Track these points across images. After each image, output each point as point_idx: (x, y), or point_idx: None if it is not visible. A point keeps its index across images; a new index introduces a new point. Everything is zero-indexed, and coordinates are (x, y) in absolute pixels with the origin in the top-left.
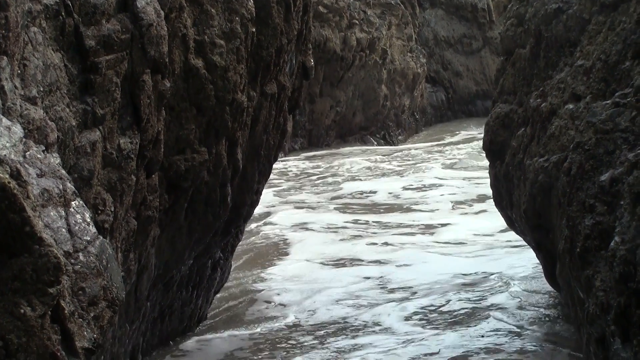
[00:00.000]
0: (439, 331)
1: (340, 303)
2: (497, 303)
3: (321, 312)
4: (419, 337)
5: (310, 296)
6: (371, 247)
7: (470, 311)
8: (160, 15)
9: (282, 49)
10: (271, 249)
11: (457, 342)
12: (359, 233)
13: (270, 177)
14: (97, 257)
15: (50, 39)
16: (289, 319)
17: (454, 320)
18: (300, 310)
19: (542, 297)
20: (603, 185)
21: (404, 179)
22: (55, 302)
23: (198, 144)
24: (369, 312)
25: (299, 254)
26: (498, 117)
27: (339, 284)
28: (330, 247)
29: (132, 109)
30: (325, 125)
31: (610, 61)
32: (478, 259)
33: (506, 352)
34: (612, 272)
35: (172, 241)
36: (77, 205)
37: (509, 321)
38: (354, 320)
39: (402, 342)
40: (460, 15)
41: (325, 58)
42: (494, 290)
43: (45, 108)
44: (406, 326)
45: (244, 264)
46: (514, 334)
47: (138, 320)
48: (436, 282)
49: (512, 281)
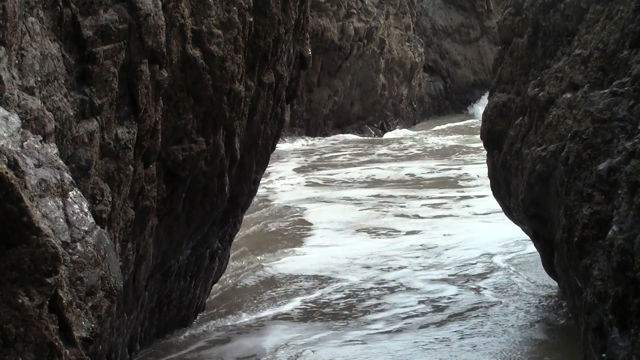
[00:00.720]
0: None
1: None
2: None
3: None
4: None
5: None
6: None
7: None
8: (158, 5)
9: (279, 38)
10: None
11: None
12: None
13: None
14: (95, 247)
15: (48, 29)
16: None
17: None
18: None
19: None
20: (601, 174)
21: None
22: (53, 292)
23: (196, 133)
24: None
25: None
26: (496, 106)
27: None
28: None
29: (129, 99)
30: (323, 114)
31: (608, 50)
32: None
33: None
34: (609, 261)
35: (170, 231)
36: (75, 195)
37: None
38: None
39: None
40: (458, 4)
41: (323, 47)
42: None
43: (43, 98)
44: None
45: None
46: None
47: (136, 310)
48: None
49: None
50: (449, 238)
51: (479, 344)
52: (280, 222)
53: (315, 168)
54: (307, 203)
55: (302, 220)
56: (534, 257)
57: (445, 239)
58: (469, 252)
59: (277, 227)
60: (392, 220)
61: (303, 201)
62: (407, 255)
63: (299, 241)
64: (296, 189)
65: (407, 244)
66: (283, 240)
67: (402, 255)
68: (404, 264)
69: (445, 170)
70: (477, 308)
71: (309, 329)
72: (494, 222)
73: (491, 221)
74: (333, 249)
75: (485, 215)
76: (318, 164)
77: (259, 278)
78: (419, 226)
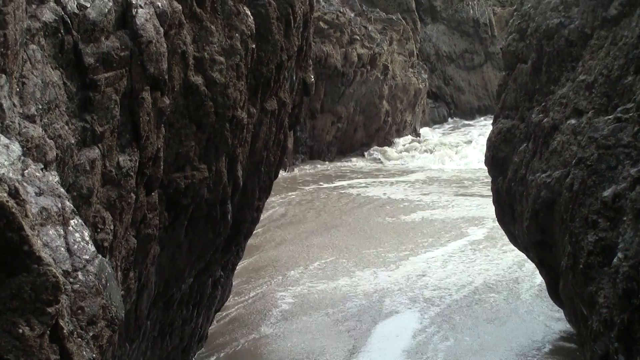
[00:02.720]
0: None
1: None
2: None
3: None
4: None
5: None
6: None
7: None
8: (160, 32)
9: (282, 65)
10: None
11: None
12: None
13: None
14: (96, 276)
15: (49, 57)
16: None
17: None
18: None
19: None
20: (606, 201)
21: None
22: (54, 321)
23: (198, 160)
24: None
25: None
26: (500, 132)
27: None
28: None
29: (131, 126)
30: (326, 141)
31: (612, 76)
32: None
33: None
34: (615, 288)
35: (173, 259)
36: (76, 224)
37: None
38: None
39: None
40: (462, 30)
41: (326, 74)
42: None
43: (44, 126)
44: None
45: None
46: None
47: (138, 339)
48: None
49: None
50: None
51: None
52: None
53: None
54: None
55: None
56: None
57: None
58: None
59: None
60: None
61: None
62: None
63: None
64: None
65: None
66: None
67: None
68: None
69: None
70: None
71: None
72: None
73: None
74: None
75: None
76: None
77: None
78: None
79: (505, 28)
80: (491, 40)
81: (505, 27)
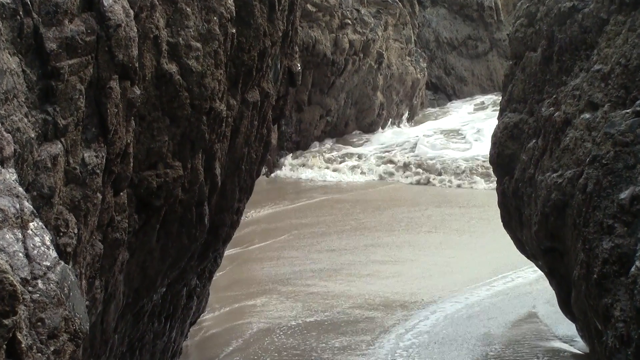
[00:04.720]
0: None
1: None
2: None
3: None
4: None
5: None
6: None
7: None
8: (130, 14)
9: (265, 52)
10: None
11: None
12: None
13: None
14: (58, 284)
15: (7, 42)
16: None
17: None
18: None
19: None
20: (623, 203)
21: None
22: (10, 334)
23: (172, 157)
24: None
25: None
26: (506, 127)
27: None
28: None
29: (97, 119)
30: (314, 136)
31: (630, 66)
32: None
33: None
34: (632, 300)
35: (143, 266)
36: (36, 227)
37: None
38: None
39: None
40: (465, 14)
41: (315, 62)
42: None
43: (1, 118)
44: None
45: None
46: None
47: (104, 355)
48: None
49: None
50: None
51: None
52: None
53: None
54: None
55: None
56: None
57: None
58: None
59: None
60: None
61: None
62: None
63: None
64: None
65: None
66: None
67: None
68: None
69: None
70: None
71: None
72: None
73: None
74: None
75: None
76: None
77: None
78: None
79: (513, 12)
80: (497, 25)
81: (512, 11)
